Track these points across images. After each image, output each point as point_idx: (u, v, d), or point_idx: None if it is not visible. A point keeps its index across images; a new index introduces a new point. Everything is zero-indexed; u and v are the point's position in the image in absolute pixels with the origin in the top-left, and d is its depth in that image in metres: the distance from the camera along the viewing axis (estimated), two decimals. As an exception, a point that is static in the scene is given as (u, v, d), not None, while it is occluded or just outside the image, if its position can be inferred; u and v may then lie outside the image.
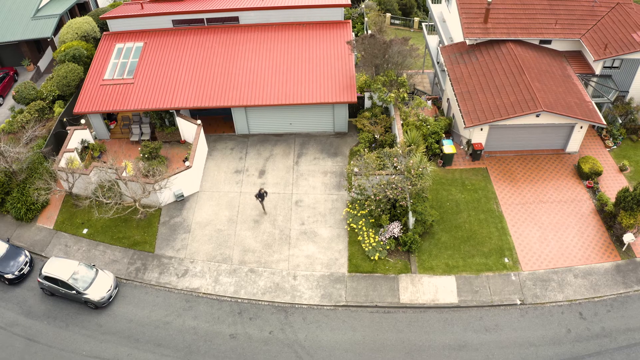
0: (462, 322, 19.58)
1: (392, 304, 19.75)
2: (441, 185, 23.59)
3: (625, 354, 18.73)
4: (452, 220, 22.16)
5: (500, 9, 26.93)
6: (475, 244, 21.48)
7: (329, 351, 18.77)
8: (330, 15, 26.17)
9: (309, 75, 24.49)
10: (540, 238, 21.91)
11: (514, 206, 22.87)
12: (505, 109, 23.60)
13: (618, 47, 26.23)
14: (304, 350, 18.85)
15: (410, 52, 23.23)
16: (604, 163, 25.74)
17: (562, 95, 24.63)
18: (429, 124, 24.11)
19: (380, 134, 23.25)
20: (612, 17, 28.01)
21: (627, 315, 20.34)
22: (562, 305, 20.41)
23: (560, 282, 20.87)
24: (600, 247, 22.01)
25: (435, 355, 18.68)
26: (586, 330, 19.74)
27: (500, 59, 25.65)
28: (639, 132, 27.56)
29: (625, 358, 18.39)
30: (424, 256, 21.05)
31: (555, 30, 26.97)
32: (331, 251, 21.08)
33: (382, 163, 20.99)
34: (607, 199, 22.83)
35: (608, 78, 27.15)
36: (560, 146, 25.52)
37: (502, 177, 24.16)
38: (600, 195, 23.19)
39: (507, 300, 20.20)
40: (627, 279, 21.52)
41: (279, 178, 23.49)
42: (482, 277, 20.58)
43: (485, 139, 24.19)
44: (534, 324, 19.73)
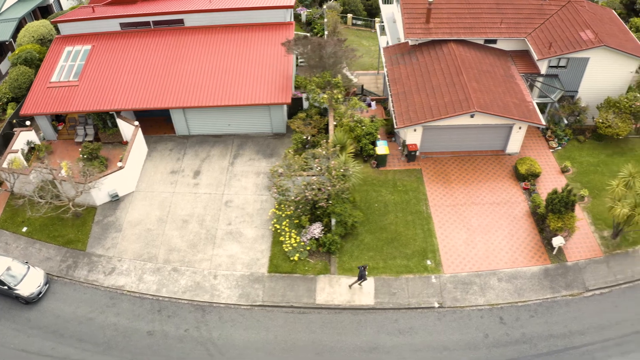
0: (377, 324, 19.56)
1: (308, 304, 19.83)
2: (372, 186, 23.51)
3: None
4: (378, 222, 22.11)
5: (444, 8, 26.59)
6: (398, 246, 21.38)
7: (241, 350, 19.04)
8: (273, 17, 26.33)
9: (247, 76, 24.72)
10: (467, 240, 21.65)
11: (444, 208, 22.62)
12: (438, 109, 23.34)
13: (563, 46, 25.60)
14: (216, 348, 19.15)
15: (346, 53, 23.26)
16: (546, 164, 25.24)
17: (501, 96, 24.21)
18: (364, 124, 24.06)
19: (313, 135, 23.38)
20: (561, 15, 27.31)
21: (550, 322, 19.98)
22: (482, 309, 20.13)
23: (482, 285, 20.58)
24: (529, 251, 21.63)
25: (345, 356, 18.68)
26: (505, 335, 19.44)
27: (440, 59, 25.35)
28: (586, 133, 26.96)
29: None
30: (344, 257, 21.04)
31: (500, 29, 26.44)
32: (254, 251, 21.33)
33: (307, 164, 21.19)
34: (540, 200, 22.42)
35: (554, 78, 26.50)
36: (500, 147, 25.08)
37: (436, 179, 23.91)
38: (533, 197, 22.74)
39: (425, 303, 20.06)
40: (555, 284, 21.09)
41: (212, 179, 23.81)
42: (402, 279, 20.48)
43: (420, 140, 23.99)
44: (451, 328, 19.55)
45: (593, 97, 27.30)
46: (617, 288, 21.27)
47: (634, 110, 25.68)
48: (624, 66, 26.43)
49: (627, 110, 25.82)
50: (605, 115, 25.82)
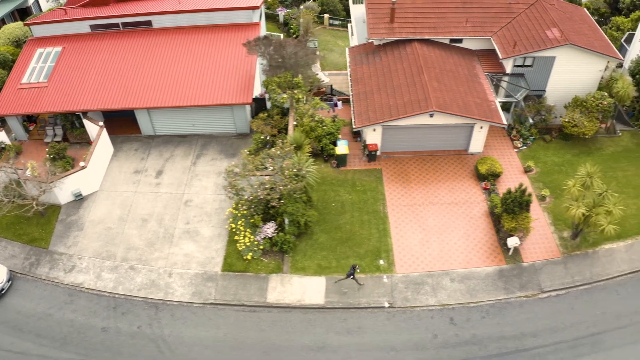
0: (326, 323, 19.57)
1: (258, 303, 19.96)
2: (331, 186, 23.53)
3: None
4: (334, 221, 22.10)
5: (409, 8, 26.49)
6: (352, 245, 21.37)
7: (190, 347, 19.22)
8: (238, 18, 26.55)
9: (209, 77, 24.94)
10: (422, 240, 21.57)
11: (402, 208, 22.53)
12: (397, 109, 23.28)
13: (528, 45, 25.31)
14: (166, 345, 19.30)
15: (308, 53, 23.33)
16: (509, 164, 24.98)
17: (462, 95, 24.05)
18: (325, 124, 24.12)
19: (273, 135, 23.51)
20: (529, 14, 27.00)
21: (502, 323, 19.78)
22: (433, 309, 20.04)
23: (434, 285, 20.48)
24: (485, 251, 21.43)
25: (291, 355, 18.77)
26: (454, 336, 19.32)
27: (403, 59, 25.26)
28: (552, 133, 26.61)
29: None
30: (298, 257, 21.12)
31: (465, 29, 26.27)
32: (209, 250, 21.50)
33: (262, 164, 21.31)
34: (498, 201, 22.12)
35: (520, 77, 26.23)
36: (463, 147, 24.93)
37: (396, 178, 23.85)
38: (491, 197, 22.55)
39: (375, 302, 20.04)
40: (509, 285, 20.88)
41: (174, 178, 24.06)
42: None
43: (380, 139, 23.96)
44: (400, 328, 19.50)
45: (562, 96, 26.95)
46: (574, 290, 21.02)
47: (601, 109, 25.42)
48: (593, 65, 26.05)
49: (594, 109, 25.49)
50: (572, 115, 25.55)
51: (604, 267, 21.64)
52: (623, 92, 25.91)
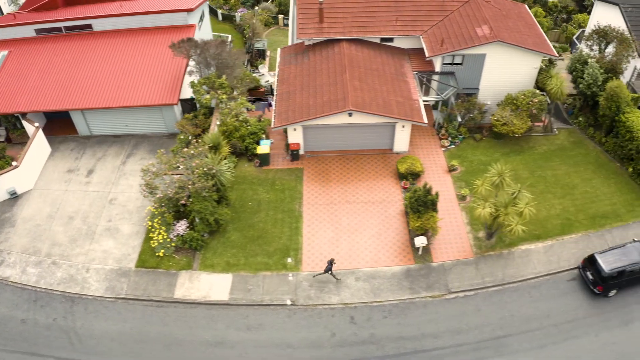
0: (228, 319, 19.87)
1: (166, 298, 20.37)
2: (251, 185, 23.79)
3: None
4: (249, 220, 22.38)
5: (340, 8, 26.51)
6: (262, 244, 21.60)
7: (98, 339, 19.78)
8: (173, 20, 27.22)
9: (141, 78, 25.62)
10: (333, 239, 21.62)
11: (318, 206, 22.63)
12: (316, 108, 23.32)
13: (456, 43, 24.97)
14: (77, 337, 19.94)
15: (230, 55, 23.66)
16: (434, 163, 24.73)
17: (384, 94, 23.92)
18: (249, 124, 24.40)
19: (197, 135, 23.92)
20: (462, 12, 26.63)
21: (404, 323, 19.71)
22: (335, 308, 20.05)
23: (339, 284, 20.52)
24: (395, 250, 21.31)
25: (191, 349, 19.16)
26: (353, 335, 19.33)
27: (330, 59, 25.28)
28: (483, 132, 26.11)
29: None
30: (208, 254, 21.47)
31: (395, 28, 26.11)
32: (126, 247, 22.07)
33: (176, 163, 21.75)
34: (412, 200, 22.26)
35: (450, 75, 25.88)
36: (388, 146, 24.80)
37: (316, 177, 23.93)
38: (405, 196, 22.39)
39: (278, 300, 20.20)
40: (415, 285, 20.71)
41: (103, 177, 24.79)
42: (259, 277, 20.70)
43: (301, 139, 24.07)
44: (299, 326, 19.61)
45: (497, 94, 26.49)
46: (484, 291, 20.71)
47: (532, 107, 24.84)
48: (526, 62, 25.51)
49: (525, 107, 24.96)
50: (501, 113, 25.06)
51: (519, 268, 21.26)
52: (556, 90, 25.37)
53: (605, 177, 24.71)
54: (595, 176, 24.77)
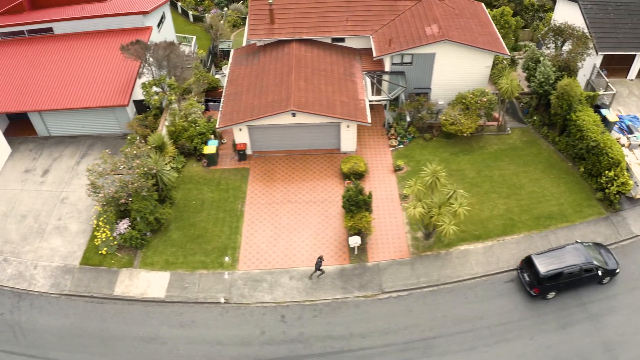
0: (163, 316, 20.20)
1: (106, 295, 20.81)
2: (196, 184, 24.08)
3: None
4: (191, 219, 22.70)
5: (291, 9, 26.63)
6: (201, 242, 21.90)
7: (40, 334, 20.35)
8: (130, 23, 27.73)
9: (95, 80, 26.15)
10: (271, 238, 21.78)
11: (260, 206, 22.83)
12: (260, 109, 23.49)
13: (404, 42, 24.82)
14: (21, 331, 20.52)
15: (179, 56, 23.97)
16: (380, 163, 24.67)
17: (329, 94, 23.93)
18: (198, 125, 24.69)
19: (145, 135, 24.32)
20: (413, 11, 26.48)
21: (334, 322, 19.80)
22: (267, 306, 20.25)
23: (272, 283, 20.67)
24: (331, 250, 21.36)
25: (125, 345, 19.55)
26: (282, 333, 19.50)
27: (278, 60, 25.41)
28: (434, 131, 25.86)
29: None
30: (149, 252, 21.83)
31: (345, 28, 26.06)
32: (73, 245, 22.57)
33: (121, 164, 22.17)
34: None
35: (400, 75, 25.69)
36: (335, 146, 24.81)
37: (261, 177, 24.12)
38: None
39: (212, 298, 20.46)
40: (349, 284, 20.73)
41: (57, 177, 25.37)
42: (196, 275, 21.01)
43: (247, 139, 24.26)
44: (231, 323, 19.86)
45: (449, 94, 26.35)
46: (418, 291, 20.67)
47: (480, 106, 24.57)
48: (478, 61, 25.31)
49: (474, 106, 24.67)
50: (450, 112, 24.80)
51: (455, 269, 21.14)
52: (507, 88, 24.99)
53: (555, 177, 24.41)
54: (545, 176, 24.50)
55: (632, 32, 27.57)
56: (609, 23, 27.73)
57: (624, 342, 19.30)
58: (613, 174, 22.46)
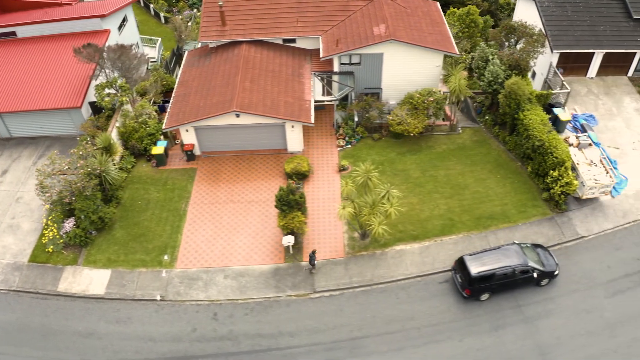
0: (101, 312, 20.74)
1: (50, 291, 21.43)
2: (144, 184, 24.50)
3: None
4: (135, 218, 23.15)
5: (244, 10, 26.82)
6: (143, 241, 22.34)
7: (-13, 329, 21.37)
8: (89, 26, 28.17)
9: (51, 82, 26.72)
10: (210, 237, 22.11)
11: (203, 205, 23.14)
12: (205, 110, 23.76)
13: (351, 43, 24.78)
14: (-31, 326, 21.66)
15: (129, 58, 24.40)
16: (327, 163, 24.76)
17: (274, 95, 24.07)
18: (148, 125, 25.09)
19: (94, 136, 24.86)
20: (364, 11, 26.43)
21: (264, 321, 20.06)
22: (200, 304, 20.59)
23: (207, 281, 20.98)
24: (267, 249, 21.62)
25: (64, 339, 20.10)
26: (212, 331, 19.81)
27: (228, 61, 25.65)
28: (382, 131, 25.73)
29: None
30: (93, 250, 22.36)
31: (296, 29, 26.11)
32: (23, 242, 23.18)
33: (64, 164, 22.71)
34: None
35: (349, 75, 25.62)
36: (282, 146, 24.99)
37: (207, 177, 24.41)
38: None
39: (149, 295, 20.86)
40: (282, 284, 20.91)
41: (14, 177, 26.01)
42: (135, 273, 21.46)
43: (195, 139, 24.56)
44: (165, 320, 20.24)
45: (400, 93, 26.18)
46: (350, 291, 20.77)
47: (427, 105, 24.40)
48: (427, 60, 25.14)
49: (421, 105, 24.48)
50: (397, 112, 24.65)
51: (390, 269, 21.16)
52: (455, 88, 24.73)
53: (501, 177, 24.13)
54: (491, 176, 24.25)
55: (590, 29, 27.12)
56: (566, 21, 27.30)
57: (560, 345, 19.15)
58: (557, 174, 22.23)
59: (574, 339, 19.24)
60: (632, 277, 21.27)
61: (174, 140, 26.30)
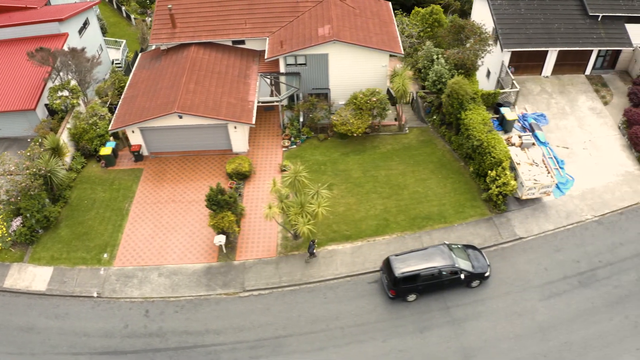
0: (42, 308, 21.42)
1: (-4, 288, 22.54)
2: (92, 184, 25.10)
3: (167, 356, 18.87)
4: (80, 217, 23.78)
5: (194, 13, 27.14)
6: (86, 240, 22.95)
7: None
8: (48, 30, 28.68)
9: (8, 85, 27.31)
10: (149, 236, 22.59)
11: (145, 205, 23.63)
12: (150, 111, 24.16)
13: (295, 44, 24.85)
14: None
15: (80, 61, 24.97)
16: (270, 163, 24.98)
17: (218, 96, 24.32)
18: (98, 127, 25.63)
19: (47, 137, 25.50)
20: (312, 12, 26.49)
21: (192, 318, 20.45)
22: (134, 301, 21.06)
23: (142, 279, 21.45)
24: (202, 248, 22.02)
25: (6, 334, 20.77)
26: (143, 327, 20.29)
27: (176, 63, 26.00)
28: (328, 131, 25.69)
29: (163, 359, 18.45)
30: (39, 248, 23.07)
31: (244, 30, 26.22)
32: (-24, 240, 24.41)
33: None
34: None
35: (296, 76, 25.65)
36: (227, 146, 25.25)
37: (153, 178, 24.88)
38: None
39: (87, 292, 21.47)
40: (213, 282, 21.23)
41: (-25, 176, 27.46)
42: (76, 270, 22.08)
43: (141, 140, 25.00)
44: (100, 317, 20.84)
45: (349, 94, 26.08)
46: (279, 290, 21.02)
47: (370, 105, 24.30)
48: (373, 60, 25.13)
49: (364, 106, 24.36)
50: (341, 112, 24.59)
51: (320, 269, 21.28)
52: (398, 88, 24.55)
53: (443, 177, 24.01)
54: (433, 176, 24.13)
55: (543, 27, 26.58)
56: (519, 19, 26.80)
57: (486, 348, 19.03)
58: (495, 174, 21.99)
59: (502, 342, 19.14)
60: (569, 280, 21.13)
61: (126, 141, 27.00)
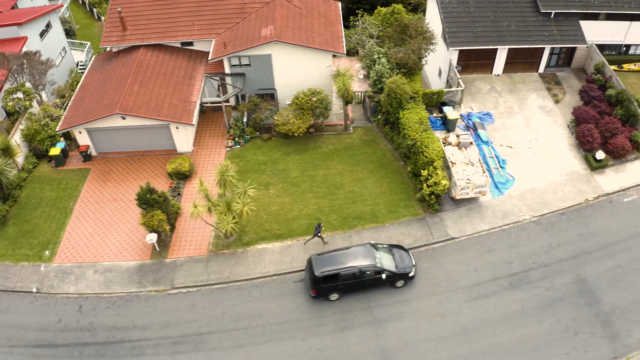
0: (-15, 303, 22.21)
1: (-56, 283, 23.29)
2: (41, 184, 25.73)
3: (94, 350, 19.22)
4: (27, 215, 24.47)
5: (144, 15, 27.61)
6: (30, 237, 23.59)
7: None
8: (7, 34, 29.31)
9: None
10: (89, 234, 23.11)
11: (89, 204, 24.18)
12: (94, 112, 24.65)
13: (238, 45, 25.04)
14: None
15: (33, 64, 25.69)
16: (212, 163, 25.26)
17: (161, 97, 24.70)
18: (50, 128, 26.27)
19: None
20: (259, 13, 26.60)
21: (122, 314, 20.88)
22: (70, 297, 21.59)
23: (79, 275, 21.96)
24: (137, 246, 22.43)
25: (-51, 328, 21.79)
26: (75, 322, 20.78)
27: (125, 65, 26.47)
28: (272, 132, 25.69)
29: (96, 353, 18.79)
30: (-14, 245, 23.96)
31: (192, 32, 26.48)
32: None
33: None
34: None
35: (241, 76, 25.75)
36: (172, 146, 25.58)
37: (99, 177, 25.37)
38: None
39: (27, 287, 22.08)
40: (144, 279, 21.57)
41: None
42: (19, 266, 22.75)
43: (89, 141, 25.49)
44: (37, 311, 21.45)
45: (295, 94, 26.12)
46: (207, 288, 21.28)
47: (311, 105, 24.30)
48: (317, 61, 25.17)
49: (305, 105, 24.34)
50: (282, 113, 24.62)
51: (248, 267, 21.46)
52: (340, 88, 24.42)
53: (380, 177, 23.89)
54: (371, 175, 24.02)
55: (492, 25, 26.12)
56: (467, 17, 26.42)
57: (406, 349, 18.93)
58: (427, 174, 21.74)
59: (423, 343, 18.99)
60: (499, 281, 20.79)
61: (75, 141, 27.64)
